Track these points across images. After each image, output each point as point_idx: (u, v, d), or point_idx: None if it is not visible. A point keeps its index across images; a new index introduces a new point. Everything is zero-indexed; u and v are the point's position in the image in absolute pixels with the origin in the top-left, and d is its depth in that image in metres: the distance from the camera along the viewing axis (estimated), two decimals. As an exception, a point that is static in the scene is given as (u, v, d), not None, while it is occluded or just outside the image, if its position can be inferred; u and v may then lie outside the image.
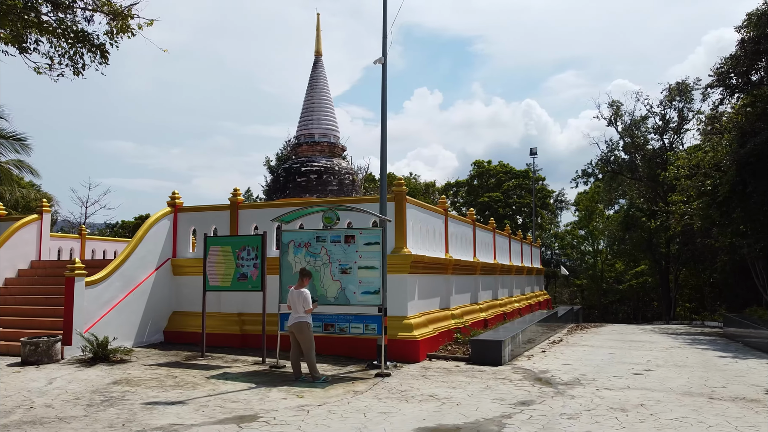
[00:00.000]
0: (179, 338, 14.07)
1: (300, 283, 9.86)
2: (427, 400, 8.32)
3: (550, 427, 6.92)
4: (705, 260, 33.35)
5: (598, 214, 50.94)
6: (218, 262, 12.01)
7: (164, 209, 14.74)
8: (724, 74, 20.08)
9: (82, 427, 6.88)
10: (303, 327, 9.65)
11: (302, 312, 9.65)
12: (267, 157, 45.95)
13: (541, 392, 8.95)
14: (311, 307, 9.69)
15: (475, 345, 11.90)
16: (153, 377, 9.90)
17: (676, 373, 10.82)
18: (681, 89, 33.48)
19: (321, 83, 26.36)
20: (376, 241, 10.66)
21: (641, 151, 35.09)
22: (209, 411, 7.65)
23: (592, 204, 50.47)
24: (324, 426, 6.95)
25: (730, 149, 19.27)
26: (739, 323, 17.71)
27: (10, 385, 9.15)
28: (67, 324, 11.78)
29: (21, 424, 7.00)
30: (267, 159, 45.78)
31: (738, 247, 22.47)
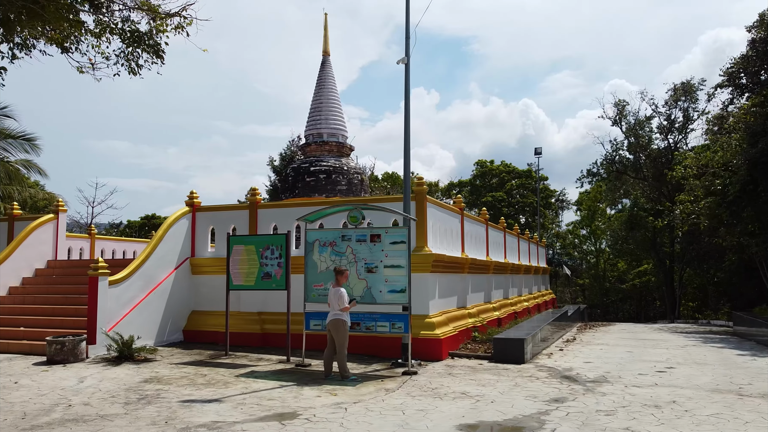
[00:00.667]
0: (198, 337, 14.11)
1: (336, 282, 9.95)
2: (460, 398, 8.38)
3: (589, 423, 6.99)
4: (709, 259, 33.50)
5: (600, 214, 51.10)
6: (242, 261, 12.05)
7: (183, 209, 14.78)
8: (734, 74, 20.20)
9: (125, 424, 6.93)
10: (338, 324, 9.72)
11: (338, 310, 9.72)
12: (271, 157, 45.98)
13: (571, 390, 9.02)
14: (346, 306, 9.74)
15: (497, 343, 11.97)
16: (182, 376, 9.95)
17: (699, 371, 10.92)
18: (686, 89, 33.63)
19: (329, 83, 26.42)
20: (402, 240, 10.72)
21: (646, 150, 35.22)
22: (247, 409, 7.70)
23: (594, 204, 50.63)
24: (366, 423, 7.00)
25: (740, 149, 19.39)
26: (751, 322, 17.82)
27: (42, 384, 9.19)
28: (91, 323, 11.81)
29: (64, 421, 7.04)
30: (271, 159, 45.79)
31: (746, 247, 22.61)
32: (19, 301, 14.29)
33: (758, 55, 18.62)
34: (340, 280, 9.96)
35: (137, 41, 5.85)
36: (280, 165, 45.08)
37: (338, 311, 9.73)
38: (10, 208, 17.24)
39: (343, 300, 9.71)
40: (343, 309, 9.73)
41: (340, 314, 9.78)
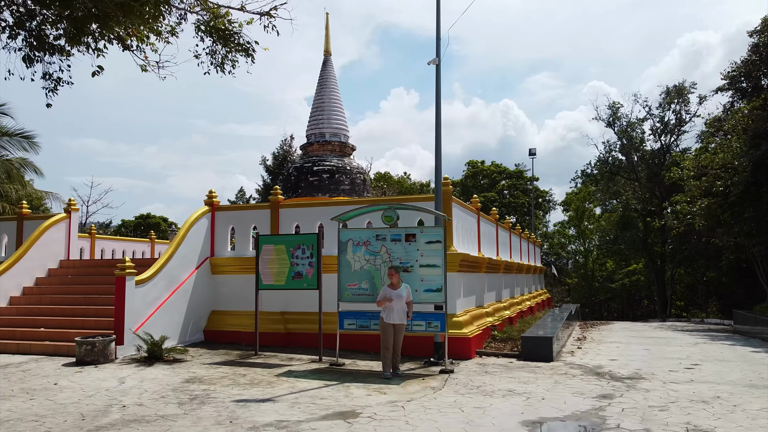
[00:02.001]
0: (220, 337, 14.02)
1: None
2: (509, 395, 8.49)
3: (648, 418, 7.14)
4: (699, 259, 34.20)
5: (588, 215, 51.80)
6: (272, 260, 12.02)
7: (202, 208, 14.67)
8: (735, 78, 20.66)
9: (190, 424, 6.90)
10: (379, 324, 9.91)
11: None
12: (263, 157, 45.84)
13: (613, 387, 9.18)
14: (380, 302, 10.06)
15: (526, 342, 12.11)
16: (222, 376, 9.90)
17: (725, 368, 11.17)
18: (679, 91, 34.27)
19: (331, 83, 26.42)
20: (438, 240, 10.81)
21: (639, 152, 35.81)
22: (304, 408, 7.71)
23: (582, 204, 51.31)
24: (431, 421, 7.06)
25: (741, 151, 19.85)
26: (755, 320, 18.26)
27: (84, 385, 9.08)
28: (118, 323, 11.68)
29: (127, 422, 6.98)
30: (263, 158, 45.61)
31: (743, 247, 23.14)
32: (35, 301, 14.07)
33: (762, 59, 19.09)
34: (391, 278, 10.10)
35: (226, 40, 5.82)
36: (273, 165, 44.88)
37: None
38: (19, 207, 16.94)
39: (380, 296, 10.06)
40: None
41: (381, 312, 9.95)
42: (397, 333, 10.12)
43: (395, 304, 9.95)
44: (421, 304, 10.89)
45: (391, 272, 10.21)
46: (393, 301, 9.92)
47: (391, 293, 9.99)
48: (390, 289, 10.04)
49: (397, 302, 9.97)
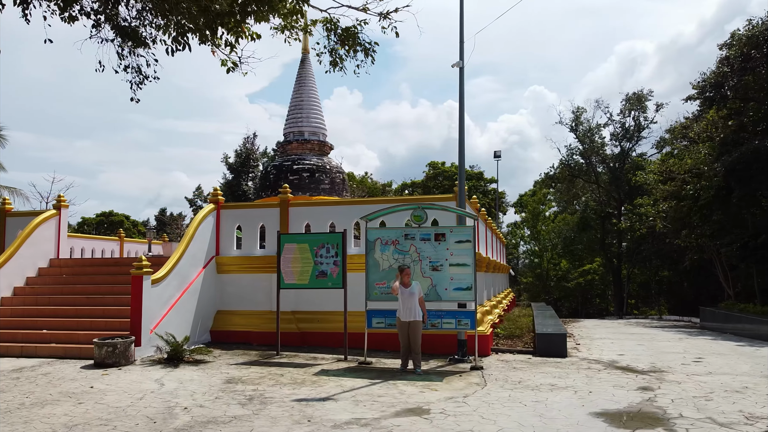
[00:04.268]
0: (227, 337, 13.78)
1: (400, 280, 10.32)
2: (556, 390, 8.79)
3: (701, 407, 7.58)
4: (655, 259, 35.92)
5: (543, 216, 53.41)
6: (294, 259, 11.93)
7: (208, 206, 14.38)
8: (704, 88, 21.91)
9: (269, 425, 6.83)
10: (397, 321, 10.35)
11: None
12: (225, 154, 44.90)
13: (644, 379, 9.66)
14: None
15: (541, 339, 12.52)
16: (260, 376, 9.78)
17: (731, 361, 11.91)
18: (638, 99, 35.91)
19: (309, 81, 26.32)
20: (467, 239, 11.04)
21: (599, 155, 37.29)
22: (369, 405, 7.75)
23: (538, 206, 52.89)
24: (504, 415, 7.24)
25: (712, 157, 21.06)
26: (726, 317, 19.45)
27: (122, 388, 8.78)
28: (135, 324, 11.33)
29: (203, 424, 6.84)
30: (225, 156, 44.69)
31: (705, 247, 24.53)
32: (30, 302, 13.41)
33: (733, 71, 20.32)
34: (398, 277, 10.37)
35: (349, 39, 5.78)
36: (236, 163, 44.08)
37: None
38: (1, 203, 16.07)
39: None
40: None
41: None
42: (411, 330, 10.20)
43: (407, 301, 10.12)
44: (451, 302, 11.10)
45: (406, 272, 10.37)
46: (405, 298, 10.10)
47: (403, 291, 10.16)
48: (402, 287, 10.20)
49: (409, 299, 10.12)
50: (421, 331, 10.23)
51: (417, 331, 10.19)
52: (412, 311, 10.11)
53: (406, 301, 10.11)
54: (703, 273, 30.78)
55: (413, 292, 10.16)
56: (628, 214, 29.24)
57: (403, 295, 10.14)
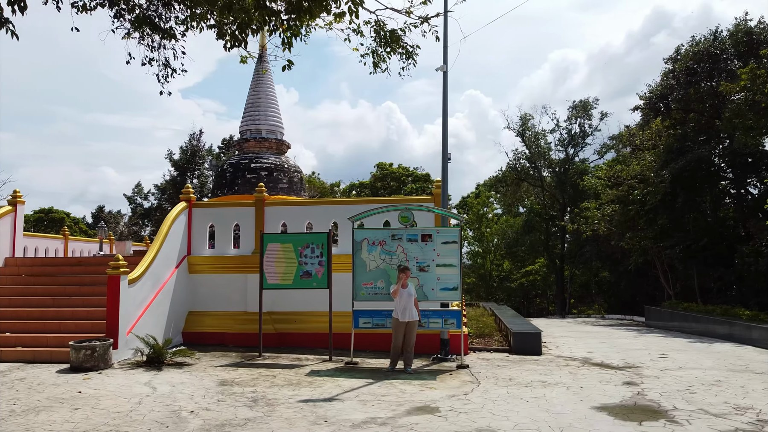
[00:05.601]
0: (200, 339, 13.42)
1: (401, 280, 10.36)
2: (549, 386, 9.12)
3: (689, 400, 8.07)
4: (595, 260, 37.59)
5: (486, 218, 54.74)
6: (278, 259, 11.79)
7: (180, 204, 13.97)
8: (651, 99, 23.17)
9: (286, 426, 6.77)
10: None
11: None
12: (170, 150, 43.50)
13: (624, 375, 10.16)
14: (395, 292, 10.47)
15: (517, 337, 12.91)
16: (252, 377, 9.63)
17: (693, 356, 12.66)
18: (584, 106, 37.49)
19: (266, 78, 26.03)
20: (454, 240, 11.26)
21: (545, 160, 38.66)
22: (377, 405, 7.80)
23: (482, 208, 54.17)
24: (513, 411, 7.46)
25: (658, 164, 22.29)
26: (671, 315, 20.63)
27: (112, 392, 8.44)
28: (112, 326, 10.90)
29: (218, 427, 6.69)
30: (169, 152, 43.31)
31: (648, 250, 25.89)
32: (-13, 303, 12.60)
33: (679, 83, 21.60)
34: (399, 277, 10.43)
35: (391, 41, 5.76)
36: (181, 159, 42.82)
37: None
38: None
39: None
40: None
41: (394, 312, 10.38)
42: (409, 330, 10.41)
43: (407, 302, 10.26)
44: (437, 302, 11.28)
45: (407, 273, 10.49)
46: (404, 299, 10.24)
47: (402, 292, 10.29)
48: (401, 288, 10.32)
49: (409, 300, 10.28)
50: (416, 332, 10.38)
51: (414, 332, 10.34)
52: (411, 312, 10.24)
53: (405, 302, 10.21)
54: (641, 274, 32.41)
55: (411, 293, 10.30)
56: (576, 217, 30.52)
57: (402, 296, 10.23)
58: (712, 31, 21.78)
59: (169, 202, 44.18)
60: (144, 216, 45.50)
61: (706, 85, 21.65)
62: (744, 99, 19.09)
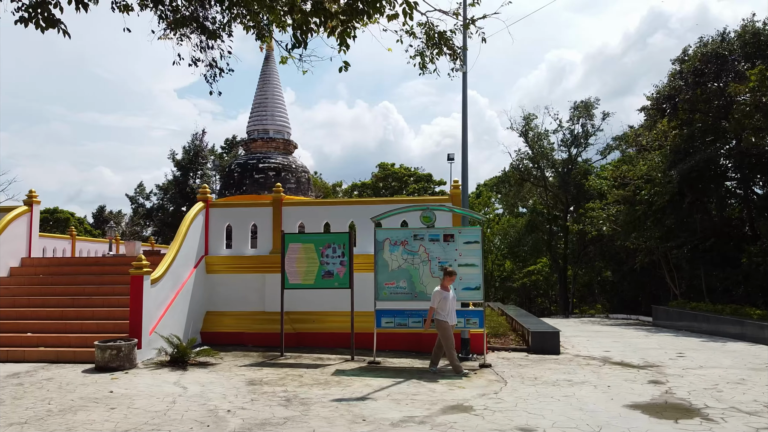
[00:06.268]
0: (218, 339, 13.43)
1: (443, 282, 10.25)
2: (576, 385, 9.18)
3: (718, 398, 8.14)
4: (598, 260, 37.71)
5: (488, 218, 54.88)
6: (299, 259, 11.83)
7: (198, 205, 13.98)
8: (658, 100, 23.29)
9: (327, 425, 6.80)
10: (438, 324, 10.24)
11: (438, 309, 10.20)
12: (172, 150, 43.48)
13: (647, 374, 10.23)
14: (432, 306, 10.21)
15: (536, 337, 12.97)
16: (280, 377, 9.66)
17: (711, 356, 12.75)
18: (586, 107, 37.62)
19: (273, 78, 26.09)
20: (476, 240, 11.32)
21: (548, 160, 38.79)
22: (410, 404, 7.84)
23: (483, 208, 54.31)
24: (548, 410, 7.51)
25: (666, 164, 22.40)
26: (680, 315, 20.74)
27: (144, 392, 8.46)
28: (135, 325, 10.91)
29: (259, 425, 6.72)
30: (172, 152, 43.27)
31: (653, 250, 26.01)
32: (6, 303, 12.58)
33: (687, 84, 21.72)
34: (445, 280, 10.29)
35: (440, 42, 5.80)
36: (184, 159, 42.79)
37: (438, 311, 10.13)
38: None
39: (433, 300, 10.19)
40: (430, 309, 10.21)
41: (437, 314, 10.19)
42: (452, 332, 10.39)
43: (451, 305, 10.28)
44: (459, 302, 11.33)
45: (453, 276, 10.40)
46: (451, 302, 10.25)
47: (447, 295, 10.28)
48: (445, 292, 10.31)
49: (452, 303, 10.31)
50: (443, 331, 10.36)
51: (439, 330, 10.34)
52: (455, 314, 10.28)
53: (451, 305, 10.24)
54: (644, 274, 32.52)
55: (454, 295, 10.32)
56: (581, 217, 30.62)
57: (447, 298, 10.21)
58: (719, 32, 21.94)
59: (171, 202, 44.17)
60: (146, 216, 45.43)
61: (713, 85, 21.78)
62: (752, 100, 19.21)
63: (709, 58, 21.44)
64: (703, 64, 21.40)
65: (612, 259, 34.99)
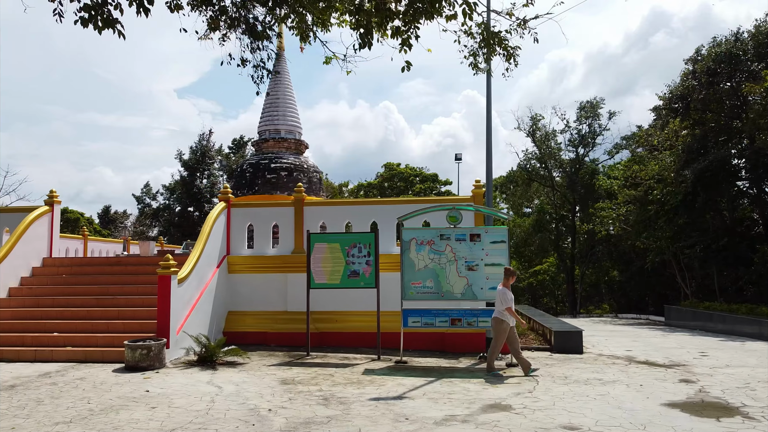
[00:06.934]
0: (239, 338, 13.41)
1: (504, 281, 10.23)
2: (608, 384, 9.20)
3: (754, 397, 8.17)
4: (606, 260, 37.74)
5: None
6: (325, 259, 11.85)
7: (220, 204, 14.01)
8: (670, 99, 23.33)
9: (371, 424, 6.82)
10: (495, 322, 10.07)
11: (501, 309, 10.01)
12: (179, 150, 43.43)
13: (676, 373, 10.25)
14: (509, 306, 9.95)
15: (559, 336, 13.00)
16: (311, 377, 9.69)
17: (735, 355, 12.77)
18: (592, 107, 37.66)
19: (284, 79, 26.12)
20: (503, 240, 11.35)
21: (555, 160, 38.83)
22: (448, 403, 7.87)
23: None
24: (587, 408, 7.53)
25: (678, 164, 22.44)
26: (693, 315, 20.77)
27: (179, 392, 8.49)
28: (163, 325, 10.94)
29: (304, 424, 6.75)
30: (179, 152, 43.25)
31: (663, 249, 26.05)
32: (31, 303, 12.63)
33: (700, 84, 21.75)
34: (508, 280, 10.24)
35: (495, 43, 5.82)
36: (191, 159, 42.81)
37: (501, 310, 10.03)
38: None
39: (506, 300, 9.95)
40: (507, 310, 9.94)
41: (499, 313, 10.08)
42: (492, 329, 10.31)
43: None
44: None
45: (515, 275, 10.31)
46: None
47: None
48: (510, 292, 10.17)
49: (496, 301, 10.27)
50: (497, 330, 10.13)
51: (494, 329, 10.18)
52: (496, 309, 10.24)
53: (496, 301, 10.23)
54: (653, 274, 32.56)
55: (499, 294, 10.25)
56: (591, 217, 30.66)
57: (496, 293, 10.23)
58: (733, 32, 21.96)
59: (178, 202, 44.18)
60: (153, 216, 45.44)
61: (726, 85, 21.82)
62: (767, 100, 19.24)
63: (722, 58, 21.48)
64: (717, 64, 21.43)
65: (620, 259, 35.02)
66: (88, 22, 4.89)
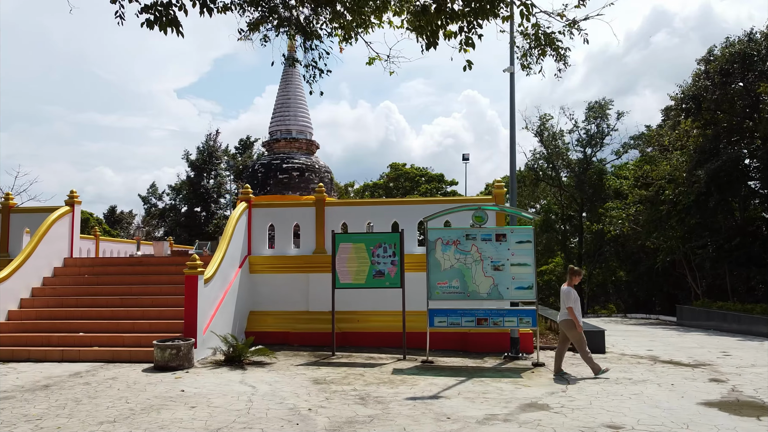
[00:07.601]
0: (261, 338, 13.31)
1: (568, 281, 10.20)
2: (638, 383, 9.23)
3: (787, 397, 8.22)
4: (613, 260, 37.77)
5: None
6: (350, 259, 11.88)
7: (241, 205, 14.04)
8: (682, 99, 23.36)
9: (413, 423, 6.84)
10: (568, 325, 9.98)
11: (564, 309, 9.98)
12: (186, 151, 43.48)
13: (704, 372, 10.29)
14: (569, 306, 9.87)
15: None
16: (342, 376, 9.71)
17: (755, 354, 12.83)
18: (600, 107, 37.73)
19: (295, 79, 26.16)
20: (528, 240, 11.38)
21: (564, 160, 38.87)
22: (485, 402, 7.89)
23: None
24: (624, 407, 7.55)
25: (690, 164, 22.46)
26: (707, 315, 20.81)
27: (214, 391, 8.51)
28: (190, 325, 10.98)
29: (345, 424, 6.78)
30: (186, 152, 43.31)
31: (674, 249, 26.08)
32: (54, 303, 12.65)
33: (714, 84, 21.79)
34: (572, 280, 10.16)
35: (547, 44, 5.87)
36: (197, 159, 42.82)
37: (564, 311, 10.00)
38: (4, 197, 15.03)
39: (569, 300, 9.87)
40: (567, 309, 9.87)
41: (564, 314, 10.02)
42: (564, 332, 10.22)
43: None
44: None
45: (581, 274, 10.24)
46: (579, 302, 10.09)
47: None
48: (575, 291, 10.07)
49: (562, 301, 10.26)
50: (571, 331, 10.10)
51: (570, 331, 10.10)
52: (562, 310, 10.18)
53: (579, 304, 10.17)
54: (661, 274, 32.59)
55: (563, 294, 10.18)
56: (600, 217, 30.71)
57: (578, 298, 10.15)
58: (746, 32, 21.99)
59: (184, 202, 44.20)
60: (160, 216, 45.45)
61: (739, 85, 21.86)
62: (781, 99, 19.28)
63: (735, 58, 21.51)
64: (730, 64, 21.47)
65: (627, 259, 35.05)
66: (153, 24, 4.93)
